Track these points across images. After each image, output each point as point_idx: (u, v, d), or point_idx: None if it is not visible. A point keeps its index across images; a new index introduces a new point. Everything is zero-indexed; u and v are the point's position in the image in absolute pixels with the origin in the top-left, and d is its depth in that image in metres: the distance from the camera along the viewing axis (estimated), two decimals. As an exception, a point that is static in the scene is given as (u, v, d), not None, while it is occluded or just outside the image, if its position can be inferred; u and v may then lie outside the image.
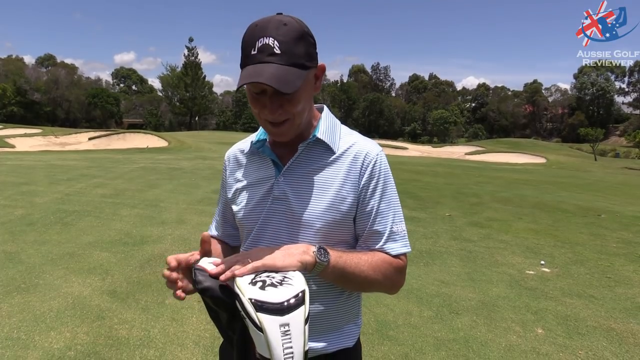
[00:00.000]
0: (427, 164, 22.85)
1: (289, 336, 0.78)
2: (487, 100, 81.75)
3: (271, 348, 0.77)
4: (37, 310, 3.27)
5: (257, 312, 0.78)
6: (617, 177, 21.45)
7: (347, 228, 1.08)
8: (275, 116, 0.98)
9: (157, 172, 11.84)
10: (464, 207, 8.65)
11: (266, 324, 0.77)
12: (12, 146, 24.83)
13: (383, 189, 1.08)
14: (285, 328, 0.78)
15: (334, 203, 1.04)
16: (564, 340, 3.14)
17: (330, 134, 1.10)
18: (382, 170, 1.08)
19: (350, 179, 1.06)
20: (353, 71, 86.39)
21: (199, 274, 0.91)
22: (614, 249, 5.75)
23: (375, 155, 1.08)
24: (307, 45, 0.98)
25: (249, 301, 0.79)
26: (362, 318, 1.21)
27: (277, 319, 0.78)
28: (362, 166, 1.06)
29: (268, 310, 0.78)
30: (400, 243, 1.09)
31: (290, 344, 0.78)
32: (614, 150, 51.64)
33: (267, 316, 0.78)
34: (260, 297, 0.79)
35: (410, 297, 3.78)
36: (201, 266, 0.93)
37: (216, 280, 0.89)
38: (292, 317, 0.79)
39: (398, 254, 1.08)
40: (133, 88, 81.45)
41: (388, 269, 1.05)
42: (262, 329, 0.77)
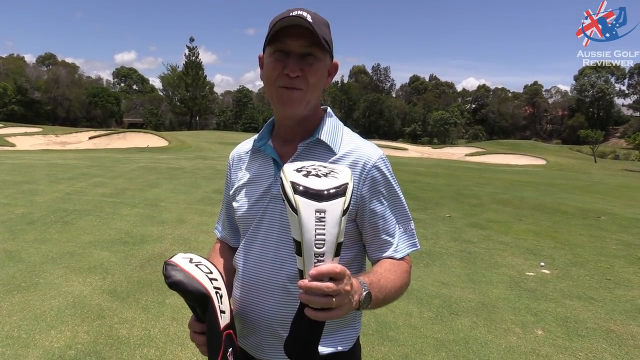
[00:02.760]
0: (427, 165, 22.85)
1: (323, 223, 0.78)
2: (487, 101, 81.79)
3: (303, 231, 0.78)
4: (37, 309, 3.28)
5: (294, 194, 0.79)
6: (616, 179, 21.45)
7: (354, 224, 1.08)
8: (294, 75, 0.99)
9: (157, 172, 11.84)
10: (464, 208, 8.65)
11: (302, 206, 0.78)
12: (13, 145, 24.85)
13: (388, 194, 1.08)
14: (320, 214, 0.78)
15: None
16: (563, 342, 3.14)
17: (332, 135, 1.09)
18: (385, 175, 1.07)
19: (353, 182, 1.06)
20: (353, 72, 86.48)
21: (171, 269, 0.92)
22: (613, 251, 5.75)
23: (377, 159, 1.06)
24: (330, 34, 1.05)
25: (290, 183, 0.80)
26: (361, 321, 1.19)
27: (314, 203, 0.78)
28: (362, 171, 1.04)
29: (306, 194, 0.79)
30: (409, 243, 1.11)
31: (323, 230, 0.78)
32: (613, 152, 51.64)
33: (304, 199, 0.78)
34: (300, 182, 0.80)
35: (411, 298, 3.78)
36: (173, 261, 0.94)
37: (186, 274, 0.91)
38: (330, 205, 0.79)
39: (404, 256, 1.09)
40: (134, 87, 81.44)
41: (404, 272, 1.07)
42: (297, 210, 0.78)
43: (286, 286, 1.04)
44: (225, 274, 1.18)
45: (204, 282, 0.92)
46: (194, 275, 0.91)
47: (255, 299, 1.07)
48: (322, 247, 0.78)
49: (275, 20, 1.01)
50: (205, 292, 0.91)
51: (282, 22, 0.97)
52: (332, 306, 0.78)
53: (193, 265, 0.94)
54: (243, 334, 1.11)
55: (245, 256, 1.11)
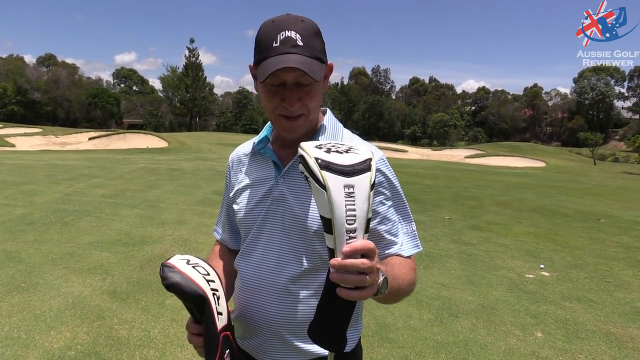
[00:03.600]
0: (426, 167, 22.86)
1: (352, 198, 0.76)
2: (487, 103, 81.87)
3: (333, 208, 0.75)
4: (37, 310, 3.28)
5: (321, 170, 0.77)
6: (616, 182, 21.47)
7: None
8: (294, 109, 0.98)
9: (157, 173, 11.83)
10: (463, 210, 8.66)
11: (330, 182, 0.76)
12: (12, 145, 24.82)
13: (391, 195, 1.08)
14: (349, 190, 0.76)
15: None
16: (563, 344, 3.15)
17: (332, 138, 1.09)
18: (387, 176, 1.07)
19: None
20: (353, 73, 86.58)
21: (167, 270, 0.91)
22: (613, 253, 5.75)
23: (377, 161, 1.05)
24: (322, 42, 1.02)
25: (315, 160, 0.78)
26: (362, 322, 1.19)
27: (342, 179, 0.76)
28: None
29: (333, 170, 0.77)
30: (412, 244, 1.11)
31: (353, 206, 0.76)
32: (613, 155, 51.65)
33: (332, 175, 0.76)
34: (325, 158, 0.78)
35: (410, 300, 3.78)
36: (170, 263, 0.94)
37: (183, 275, 0.91)
38: (358, 180, 0.77)
39: (411, 255, 1.10)
40: (134, 88, 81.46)
41: (410, 270, 1.07)
42: (326, 186, 0.75)
43: (288, 288, 1.04)
44: (225, 276, 1.19)
45: (200, 283, 0.92)
46: (191, 277, 0.91)
47: (257, 301, 1.07)
48: (354, 224, 0.76)
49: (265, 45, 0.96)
50: (202, 293, 0.91)
51: (273, 65, 0.93)
52: (366, 284, 0.77)
53: (190, 267, 0.94)
54: (245, 335, 1.11)
55: (247, 258, 1.11)
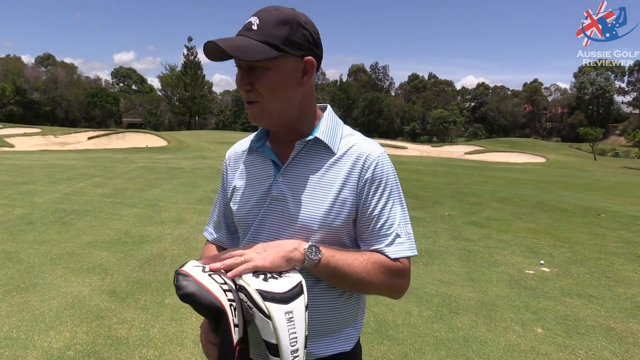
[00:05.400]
0: (426, 163, 22.85)
1: (293, 322, 0.85)
2: (486, 99, 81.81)
3: (278, 335, 0.84)
4: (36, 310, 3.27)
5: (265, 301, 0.84)
6: (616, 177, 21.47)
7: (344, 231, 1.05)
8: (243, 90, 0.99)
9: (156, 172, 11.83)
10: (463, 206, 8.65)
11: (274, 312, 0.84)
12: (12, 145, 24.79)
13: (384, 191, 1.04)
14: (289, 315, 0.85)
15: (332, 206, 1.02)
16: (563, 340, 3.14)
17: (330, 134, 1.06)
18: (385, 172, 1.05)
19: (350, 181, 1.03)
20: (352, 70, 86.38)
21: (182, 279, 0.88)
22: (613, 249, 5.75)
23: (377, 157, 1.04)
24: (292, 32, 0.95)
25: (256, 292, 0.85)
26: (362, 321, 1.18)
27: (282, 307, 0.85)
28: (362, 168, 1.03)
29: (274, 300, 0.85)
30: (404, 246, 1.04)
31: (294, 329, 0.85)
32: (613, 150, 51.69)
33: (274, 305, 0.84)
34: (266, 288, 0.86)
35: (410, 297, 3.78)
36: (185, 271, 0.90)
37: (200, 285, 0.87)
38: (295, 305, 0.86)
39: (398, 257, 1.03)
40: (132, 87, 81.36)
41: (384, 272, 1.01)
42: (270, 316, 0.84)
43: None
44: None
45: (218, 294, 0.87)
46: (208, 287, 0.87)
47: None
48: (296, 344, 0.85)
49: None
50: (220, 306, 0.86)
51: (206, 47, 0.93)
52: None
53: (206, 275, 0.89)
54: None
55: None
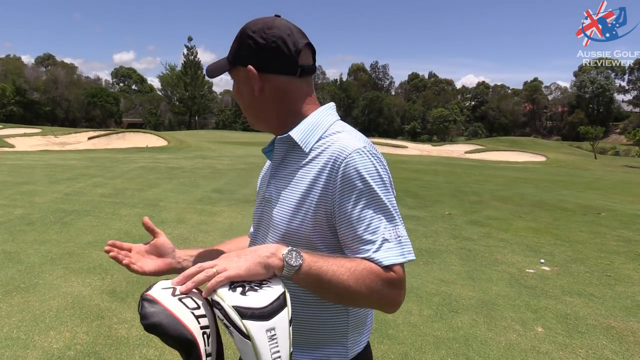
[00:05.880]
0: (426, 162, 22.84)
1: (275, 340, 0.75)
2: (486, 98, 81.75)
3: (259, 355, 0.74)
4: (36, 310, 3.27)
5: (242, 319, 0.74)
6: (617, 175, 21.46)
7: (317, 238, 0.97)
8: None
9: (156, 172, 11.83)
10: (463, 205, 8.65)
11: (253, 331, 0.73)
12: (12, 146, 24.80)
13: (362, 192, 0.91)
14: (271, 333, 0.75)
15: (298, 210, 0.96)
16: (564, 339, 3.14)
17: (305, 132, 1.00)
18: (360, 170, 0.92)
19: (320, 183, 0.94)
20: (352, 70, 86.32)
21: (149, 306, 0.77)
22: (614, 247, 5.75)
23: (349, 154, 0.93)
24: (240, 44, 1.02)
25: (233, 309, 0.74)
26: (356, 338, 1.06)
27: (263, 324, 0.74)
28: (333, 168, 0.93)
29: (254, 317, 0.74)
30: (394, 252, 0.90)
31: (277, 348, 0.75)
32: (613, 149, 51.64)
33: (254, 322, 0.74)
34: (244, 304, 0.75)
35: (410, 296, 3.78)
36: (151, 295, 0.79)
37: (168, 313, 0.77)
38: (278, 321, 0.76)
39: (390, 265, 0.89)
40: (133, 87, 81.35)
41: (374, 280, 0.88)
42: (250, 336, 0.73)
43: None
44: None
45: (189, 323, 0.77)
46: (177, 316, 0.77)
47: None
48: None
49: None
50: (191, 337, 0.76)
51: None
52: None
53: (176, 300, 0.79)
54: None
55: None
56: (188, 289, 0.81)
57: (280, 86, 1.01)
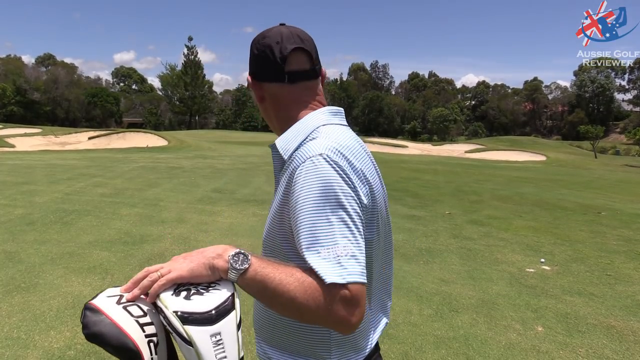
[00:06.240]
0: (427, 162, 22.84)
1: (221, 346, 0.73)
2: (487, 98, 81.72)
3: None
4: (37, 310, 3.27)
5: (184, 325, 0.72)
6: (617, 175, 21.45)
7: (288, 245, 0.93)
8: None
9: (156, 171, 11.83)
10: (463, 205, 8.65)
11: (195, 337, 0.72)
12: (12, 146, 24.80)
13: (304, 203, 0.84)
14: (216, 338, 0.73)
15: (273, 217, 0.97)
16: (564, 338, 3.14)
17: (286, 140, 0.99)
18: (306, 180, 0.86)
19: (283, 189, 0.94)
20: (352, 69, 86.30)
21: (91, 315, 0.75)
22: (614, 247, 5.75)
23: (302, 162, 0.88)
24: (251, 54, 1.06)
25: (174, 314, 0.73)
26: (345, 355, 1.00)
27: (207, 329, 0.73)
28: (292, 175, 0.90)
29: (196, 322, 0.72)
30: (333, 270, 0.79)
31: (224, 353, 0.73)
32: (614, 148, 51.63)
33: (196, 327, 0.72)
34: (185, 308, 0.73)
35: (410, 296, 3.78)
36: (94, 305, 0.77)
37: (111, 323, 0.74)
38: (224, 324, 0.74)
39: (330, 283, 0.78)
40: (133, 87, 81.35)
41: (323, 294, 0.78)
42: (192, 342, 0.72)
43: None
44: None
45: (132, 332, 0.74)
46: (120, 325, 0.74)
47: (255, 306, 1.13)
48: None
49: None
50: (132, 346, 0.74)
51: None
52: None
53: (120, 309, 0.76)
54: None
55: None
56: (135, 296, 0.79)
57: (273, 93, 1.04)
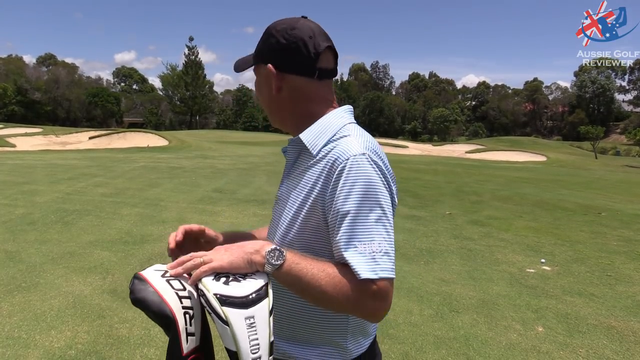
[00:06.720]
0: (427, 162, 22.83)
1: (254, 328, 0.81)
2: (487, 98, 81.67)
3: (237, 341, 0.80)
4: (37, 310, 3.28)
5: (222, 306, 0.80)
6: (617, 175, 21.43)
7: (317, 238, 0.98)
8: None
9: (157, 171, 11.84)
10: (464, 205, 8.65)
11: (232, 317, 0.80)
12: (13, 145, 24.81)
13: (347, 197, 0.90)
14: (250, 320, 0.80)
15: (300, 211, 0.99)
16: (564, 339, 3.14)
17: (314, 136, 1.01)
18: (352, 176, 0.91)
19: (319, 186, 0.96)
20: (353, 70, 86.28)
21: (138, 283, 0.85)
22: (614, 247, 5.74)
23: (346, 159, 0.92)
24: (264, 42, 1.06)
25: (214, 296, 0.81)
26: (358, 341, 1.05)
27: (242, 312, 0.80)
28: (331, 171, 0.94)
29: (233, 304, 0.80)
30: (368, 266, 0.87)
31: (256, 335, 0.81)
32: (614, 148, 51.59)
33: (233, 309, 0.80)
34: (224, 292, 0.81)
35: (411, 296, 3.78)
36: (142, 275, 0.87)
37: (153, 291, 0.84)
38: (257, 309, 0.81)
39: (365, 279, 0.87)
40: (134, 87, 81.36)
41: (353, 290, 0.88)
42: (228, 322, 0.79)
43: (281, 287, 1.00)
44: None
45: (170, 301, 0.83)
46: (161, 293, 0.83)
47: None
48: (258, 352, 0.81)
49: None
50: (169, 313, 0.82)
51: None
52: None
53: (164, 281, 0.86)
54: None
55: None
56: (177, 273, 0.88)
57: (297, 87, 1.03)
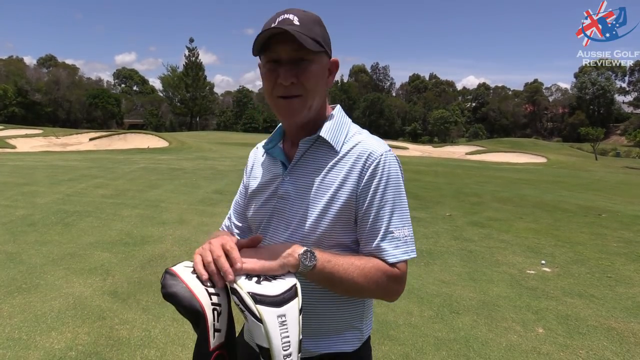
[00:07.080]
0: (427, 163, 22.84)
1: (285, 326, 0.84)
2: (487, 99, 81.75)
3: (270, 338, 0.83)
4: (38, 311, 3.28)
5: (256, 304, 0.83)
6: (617, 177, 21.42)
7: (345, 231, 1.04)
8: (287, 83, 0.97)
9: (158, 173, 11.84)
10: (464, 206, 8.64)
11: (265, 315, 0.83)
12: (13, 147, 24.83)
13: (385, 190, 1.02)
14: (282, 319, 0.84)
15: (330, 206, 1.02)
16: (564, 340, 3.14)
17: (335, 133, 1.07)
18: (386, 170, 1.02)
19: (351, 181, 1.02)
20: (353, 71, 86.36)
21: (169, 278, 0.88)
22: (614, 249, 5.74)
23: (380, 155, 1.02)
24: (324, 32, 1.03)
25: (248, 295, 0.84)
26: (369, 324, 1.16)
27: (275, 310, 0.84)
28: (363, 167, 1.02)
29: (266, 303, 0.84)
30: (401, 249, 1.02)
31: (287, 333, 0.84)
32: (614, 150, 51.62)
33: (266, 308, 0.83)
34: (258, 291, 0.85)
35: (411, 297, 3.78)
36: (173, 270, 0.90)
37: (184, 286, 0.86)
38: (288, 309, 0.85)
39: (396, 262, 1.01)
40: (134, 89, 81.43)
41: (381, 277, 0.99)
42: (262, 320, 0.82)
43: None
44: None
45: (200, 297, 0.86)
46: (192, 289, 0.87)
47: None
48: (289, 349, 0.84)
49: (263, 28, 0.98)
50: (199, 308, 0.85)
51: (265, 34, 0.95)
52: None
53: (194, 277, 0.89)
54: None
55: None
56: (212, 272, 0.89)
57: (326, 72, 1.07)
